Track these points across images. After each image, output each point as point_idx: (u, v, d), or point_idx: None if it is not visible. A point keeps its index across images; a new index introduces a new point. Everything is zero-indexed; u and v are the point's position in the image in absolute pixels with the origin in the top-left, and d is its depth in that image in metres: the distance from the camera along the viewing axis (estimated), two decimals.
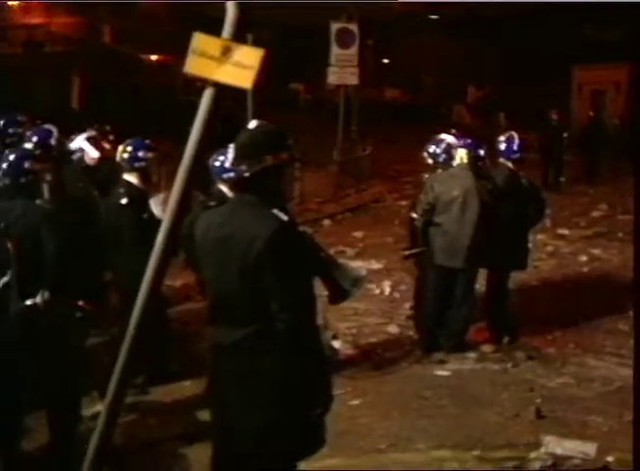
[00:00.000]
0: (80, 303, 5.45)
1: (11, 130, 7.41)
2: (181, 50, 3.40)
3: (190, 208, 4.00)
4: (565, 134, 19.36)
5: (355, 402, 6.40)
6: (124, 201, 6.39)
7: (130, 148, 6.55)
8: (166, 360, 6.86)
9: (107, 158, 7.59)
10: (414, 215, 7.97)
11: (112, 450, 3.15)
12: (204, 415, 5.41)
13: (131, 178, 6.53)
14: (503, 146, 8.23)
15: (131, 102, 23.40)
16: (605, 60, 31.20)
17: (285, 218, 3.56)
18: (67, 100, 21.51)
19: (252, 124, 3.78)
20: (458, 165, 7.74)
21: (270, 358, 3.55)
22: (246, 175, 3.61)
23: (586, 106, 31.61)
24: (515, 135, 8.27)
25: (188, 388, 6.53)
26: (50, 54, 28.28)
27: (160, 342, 6.48)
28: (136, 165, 6.51)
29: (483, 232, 7.61)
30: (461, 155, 7.74)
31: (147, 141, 6.71)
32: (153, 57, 35.54)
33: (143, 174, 6.55)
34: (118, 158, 6.64)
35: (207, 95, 3.01)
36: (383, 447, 5.69)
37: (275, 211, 3.56)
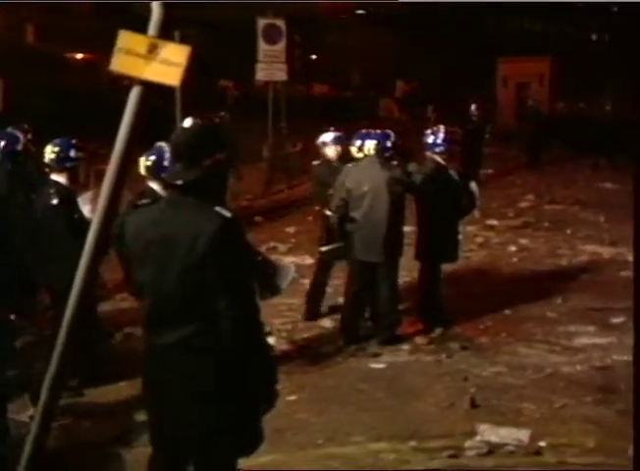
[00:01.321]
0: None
1: None
2: (106, 48, 3.36)
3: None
4: (488, 128, 19.61)
5: (292, 398, 6.42)
6: (54, 201, 6.30)
7: (57, 148, 6.46)
8: (100, 361, 6.78)
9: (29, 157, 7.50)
10: (328, 212, 7.99)
11: (47, 454, 3.11)
12: (141, 416, 5.40)
13: (59, 178, 6.45)
14: (429, 140, 8.32)
15: (56, 102, 23.00)
16: (528, 53, 31.77)
17: (228, 214, 3.52)
18: None
19: (188, 122, 3.74)
20: (367, 157, 7.79)
21: (212, 356, 3.53)
22: (187, 179, 3.57)
23: (511, 98, 32.18)
24: (442, 129, 8.37)
25: (124, 389, 6.47)
26: None
27: (93, 343, 6.40)
28: (67, 165, 6.44)
29: (398, 224, 7.71)
30: (369, 147, 7.78)
31: (75, 141, 6.62)
32: (79, 56, 34.97)
33: (72, 174, 6.48)
34: (46, 159, 6.54)
35: (134, 94, 2.98)
36: (321, 442, 5.71)
37: (218, 208, 3.52)
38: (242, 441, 3.72)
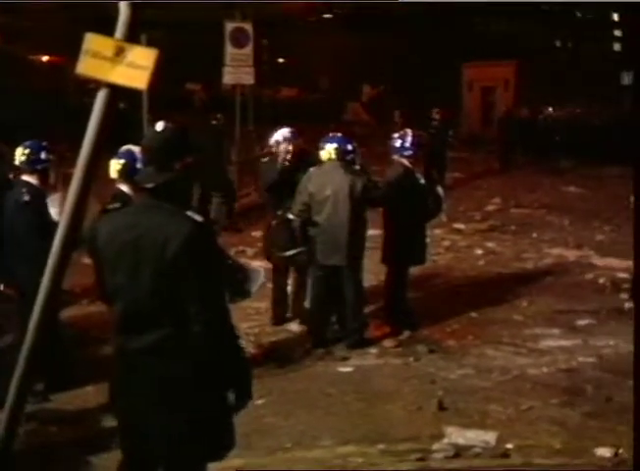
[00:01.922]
0: None
1: None
2: (72, 51, 3.34)
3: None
4: (451, 132, 19.71)
5: (260, 402, 6.39)
6: (26, 198, 6.35)
7: (28, 150, 6.52)
8: (67, 366, 6.72)
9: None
10: (290, 216, 7.97)
11: (13, 460, 3.08)
12: (109, 422, 5.37)
13: (30, 179, 6.51)
14: (396, 144, 8.34)
15: (21, 105, 22.77)
16: (493, 56, 31.99)
17: (199, 219, 3.53)
18: None
19: (159, 126, 3.72)
20: (328, 161, 7.79)
21: (184, 361, 3.52)
22: (159, 182, 3.56)
23: (477, 103, 32.39)
24: (409, 133, 8.39)
25: (91, 393, 6.42)
26: None
27: (59, 348, 6.35)
28: (38, 167, 6.52)
29: (360, 227, 7.73)
30: (329, 150, 7.78)
31: (45, 143, 6.69)
32: (44, 58, 34.71)
33: (42, 175, 6.54)
34: (16, 160, 6.60)
35: (101, 97, 2.97)
36: (289, 446, 5.70)
37: (189, 213, 3.54)
38: (214, 446, 3.71)
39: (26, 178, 6.53)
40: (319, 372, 7.28)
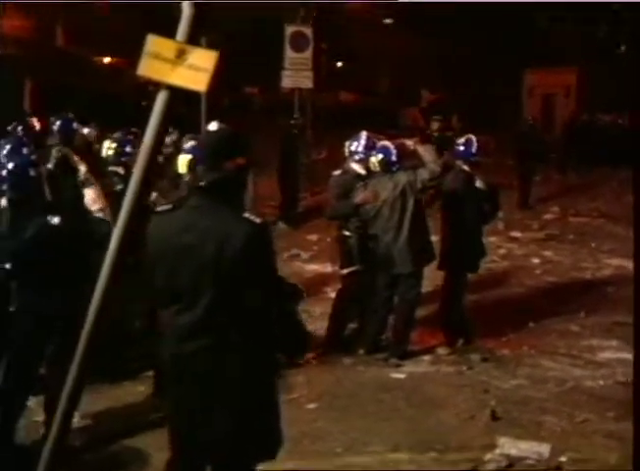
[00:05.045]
0: None
1: None
2: (134, 53, 3.36)
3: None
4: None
5: (312, 406, 6.40)
6: (119, 187, 6.63)
7: (115, 144, 7.35)
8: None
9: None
10: (347, 232, 7.87)
11: (67, 451, 3.10)
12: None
13: (118, 169, 7.17)
14: (461, 149, 8.26)
15: (83, 106, 23.10)
16: (555, 64, 31.65)
17: (258, 220, 3.55)
18: (19, 104, 21.19)
19: (213, 126, 3.75)
20: (375, 173, 7.71)
21: (238, 360, 3.55)
22: (209, 180, 3.58)
23: (538, 109, 32.03)
24: (474, 138, 8.30)
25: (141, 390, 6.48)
26: (2, 57, 27.87)
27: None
28: (123, 159, 7.25)
29: (421, 230, 7.67)
30: (374, 162, 7.71)
31: (131, 137, 7.53)
32: (106, 60, 35.21)
33: (128, 167, 6.92)
34: (103, 153, 7.43)
35: (161, 99, 2.98)
36: (339, 451, 5.68)
37: (247, 214, 3.55)
38: (264, 445, 3.71)
39: (113, 168, 7.20)
40: (371, 378, 7.25)
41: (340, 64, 45.35)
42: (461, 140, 8.35)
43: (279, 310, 3.68)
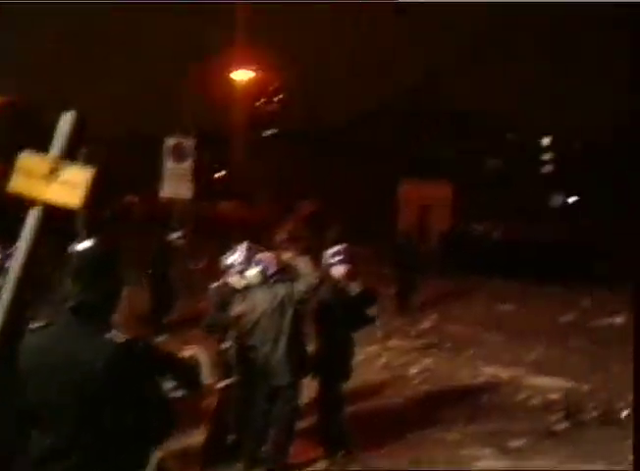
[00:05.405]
0: None
1: None
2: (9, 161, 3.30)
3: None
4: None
5: None
6: None
7: None
8: None
9: None
10: (225, 344, 7.75)
11: None
12: None
13: None
14: (330, 258, 8.30)
15: None
16: (430, 176, 32.83)
17: (123, 339, 3.46)
18: None
19: (84, 244, 3.68)
20: (253, 283, 7.73)
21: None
22: (82, 301, 3.51)
23: (413, 219, 32.92)
24: (344, 247, 8.37)
25: None
26: None
27: None
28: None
29: (298, 341, 7.65)
30: (251, 274, 7.74)
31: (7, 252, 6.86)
32: None
33: None
34: None
35: (33, 215, 2.94)
36: None
37: (113, 333, 3.46)
38: None
39: None
40: None
41: (220, 173, 45.70)
42: (333, 250, 8.39)
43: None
